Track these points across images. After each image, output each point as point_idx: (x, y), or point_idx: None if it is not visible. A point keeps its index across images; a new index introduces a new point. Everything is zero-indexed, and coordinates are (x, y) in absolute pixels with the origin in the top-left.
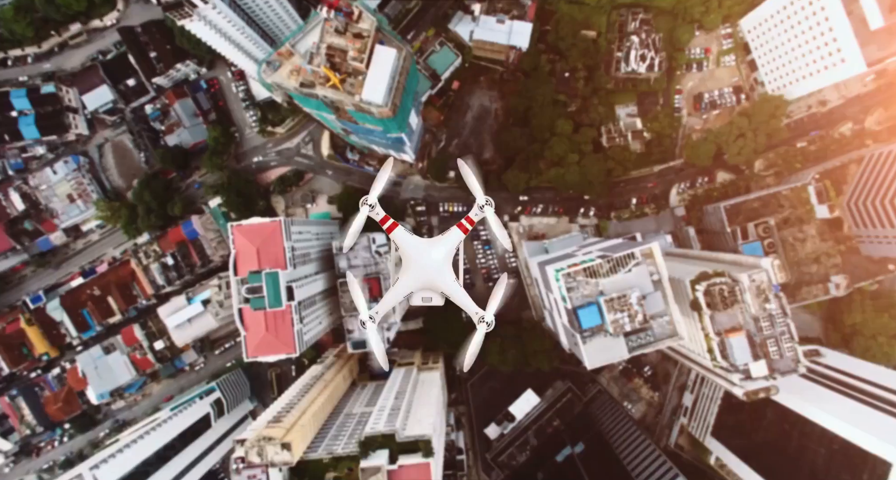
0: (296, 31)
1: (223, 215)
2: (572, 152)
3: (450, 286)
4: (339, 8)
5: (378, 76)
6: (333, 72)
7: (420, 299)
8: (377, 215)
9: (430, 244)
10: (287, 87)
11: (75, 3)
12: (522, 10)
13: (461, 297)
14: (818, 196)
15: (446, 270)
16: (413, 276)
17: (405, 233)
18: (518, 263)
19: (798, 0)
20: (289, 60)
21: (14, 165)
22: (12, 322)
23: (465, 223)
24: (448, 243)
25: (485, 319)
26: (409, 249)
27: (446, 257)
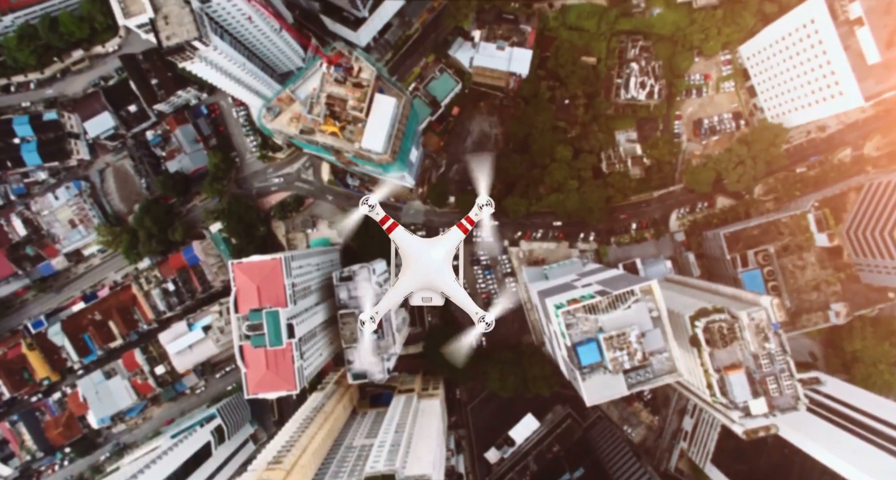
0: (296, 77)
1: (224, 240)
2: (572, 179)
3: (450, 286)
4: (339, 63)
5: (378, 125)
6: (333, 120)
7: (420, 299)
8: (377, 215)
9: (430, 245)
10: (287, 133)
11: (78, 30)
12: (522, 36)
13: (461, 296)
14: (817, 224)
15: (446, 270)
16: (413, 276)
17: (405, 233)
18: (518, 287)
19: (796, 32)
20: (289, 106)
21: (16, 190)
22: (13, 347)
23: (465, 223)
24: (448, 243)
25: (485, 319)
26: (409, 249)
27: (446, 258)
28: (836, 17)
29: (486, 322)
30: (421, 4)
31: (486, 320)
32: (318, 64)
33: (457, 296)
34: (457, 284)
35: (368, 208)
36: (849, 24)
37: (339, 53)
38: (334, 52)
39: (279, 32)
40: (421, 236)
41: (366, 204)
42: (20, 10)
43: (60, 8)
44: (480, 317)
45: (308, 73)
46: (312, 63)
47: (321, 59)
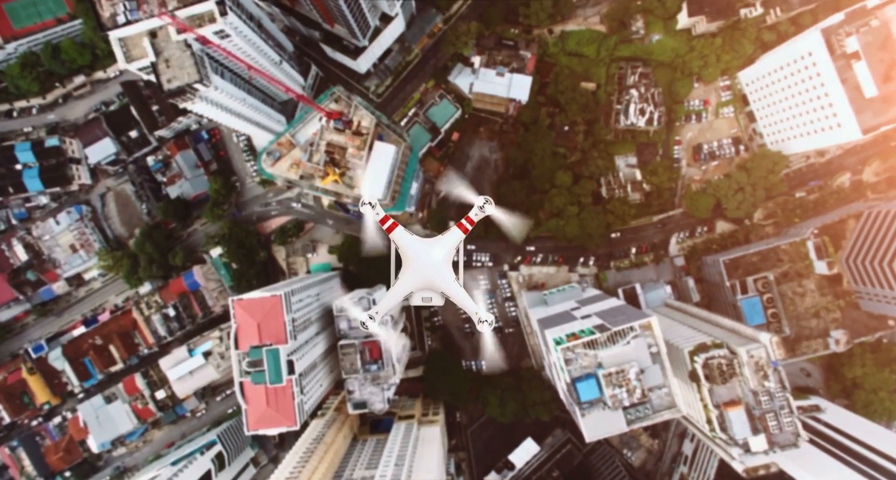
0: (295, 121)
1: (224, 265)
2: (571, 205)
3: (449, 286)
4: (339, 118)
5: (377, 172)
6: (333, 167)
7: (420, 299)
8: (377, 215)
9: (430, 245)
10: (288, 178)
11: (79, 57)
12: (522, 62)
13: (460, 296)
14: (817, 252)
15: (446, 270)
16: (413, 276)
17: (405, 233)
18: (518, 312)
19: (794, 63)
20: (289, 150)
21: (18, 214)
22: (14, 372)
23: (465, 223)
24: (447, 243)
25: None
26: (409, 249)
27: (446, 258)
28: (834, 51)
29: (485, 322)
30: (421, 30)
31: (486, 319)
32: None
33: (456, 296)
34: (456, 284)
35: (369, 208)
36: (846, 57)
37: (337, 112)
38: (333, 97)
39: (279, 65)
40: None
41: (366, 204)
42: (23, 38)
43: (63, 35)
44: (480, 317)
45: (308, 116)
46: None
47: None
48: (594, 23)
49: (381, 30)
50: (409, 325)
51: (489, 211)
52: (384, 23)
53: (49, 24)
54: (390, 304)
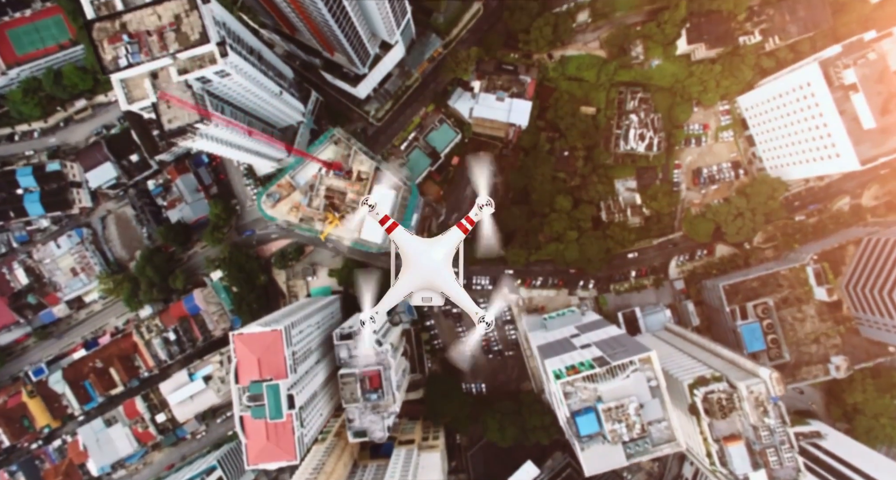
0: (294, 164)
1: (225, 289)
2: (571, 229)
3: (449, 286)
4: (339, 170)
5: None
6: (333, 211)
7: (420, 299)
8: (377, 215)
9: (430, 245)
10: (288, 220)
11: (81, 82)
12: (522, 87)
13: (461, 296)
14: (816, 278)
15: (446, 270)
16: (413, 276)
17: (405, 233)
18: (517, 335)
19: (793, 92)
20: (289, 193)
21: (19, 237)
22: (14, 395)
23: (465, 223)
24: (448, 243)
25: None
26: (408, 249)
27: (446, 258)
28: (832, 82)
29: (485, 322)
30: (420, 55)
31: (486, 320)
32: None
33: (456, 296)
34: (457, 284)
35: (368, 209)
36: (843, 89)
37: (337, 163)
38: (333, 139)
39: (279, 96)
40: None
41: (366, 204)
42: (26, 64)
43: (64, 60)
44: (480, 317)
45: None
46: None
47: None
48: (594, 48)
49: (381, 57)
50: (409, 348)
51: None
52: (384, 50)
53: (51, 50)
54: (390, 304)
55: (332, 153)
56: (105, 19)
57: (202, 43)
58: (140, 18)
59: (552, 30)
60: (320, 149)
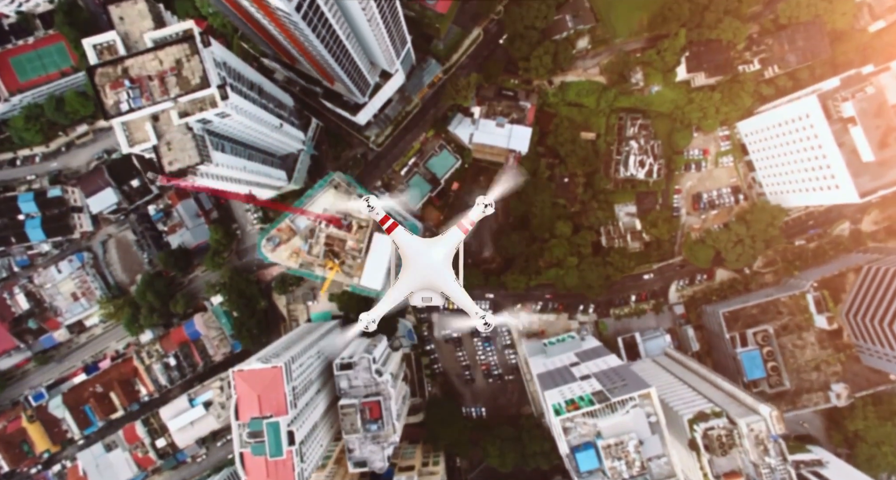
0: (296, 206)
1: (225, 313)
2: (571, 255)
3: (449, 286)
4: (339, 226)
5: (376, 264)
6: (333, 258)
7: (420, 299)
8: (377, 215)
9: (430, 245)
10: (287, 266)
11: (82, 108)
12: (522, 113)
13: (461, 296)
14: (816, 306)
15: (446, 270)
16: (413, 276)
17: (405, 233)
18: (517, 359)
19: (792, 122)
20: (289, 237)
21: (20, 262)
22: (14, 420)
23: (465, 223)
24: (448, 243)
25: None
26: (409, 249)
27: (446, 258)
28: (830, 115)
29: (485, 322)
30: (421, 81)
31: (486, 320)
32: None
33: (456, 296)
34: (456, 284)
35: (368, 209)
36: (842, 121)
37: (337, 218)
38: (333, 183)
39: (280, 128)
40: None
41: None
42: (28, 91)
43: (66, 86)
44: (480, 317)
45: (308, 201)
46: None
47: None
48: (594, 74)
49: (381, 85)
50: (409, 372)
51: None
52: (384, 79)
53: (53, 76)
54: (391, 304)
55: (332, 197)
56: (107, 64)
57: (203, 87)
58: (142, 63)
59: (552, 58)
60: (320, 193)
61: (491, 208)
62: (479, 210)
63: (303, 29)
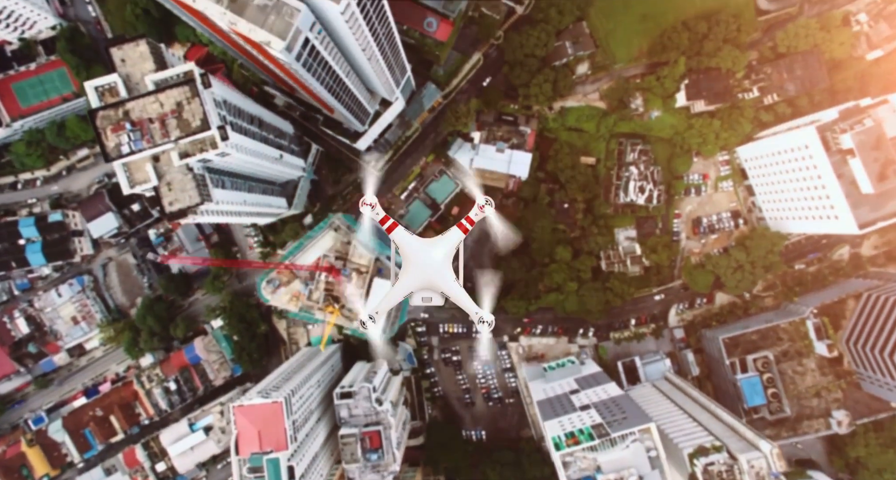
0: (295, 249)
1: (225, 337)
2: (571, 280)
3: (449, 286)
4: (338, 278)
5: None
6: (333, 303)
7: (420, 298)
8: (377, 215)
9: (430, 245)
10: (287, 310)
11: (83, 133)
12: (522, 138)
13: (461, 296)
14: (816, 332)
15: (446, 270)
16: (413, 276)
17: (405, 233)
18: (517, 382)
19: (791, 152)
20: (289, 281)
21: (20, 285)
22: (13, 445)
23: (465, 223)
24: (448, 243)
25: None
26: (408, 249)
27: (446, 258)
28: (829, 147)
29: (486, 322)
30: (421, 106)
31: (486, 319)
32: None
33: (456, 296)
34: (457, 284)
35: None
36: (841, 153)
37: (336, 269)
38: (332, 226)
39: (280, 159)
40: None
41: (366, 204)
42: (29, 116)
43: (68, 111)
44: (480, 317)
45: (308, 243)
46: (314, 233)
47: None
48: (594, 99)
49: (382, 113)
50: (410, 395)
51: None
52: (384, 106)
53: (55, 102)
54: (390, 303)
55: (332, 240)
56: (109, 107)
57: (203, 129)
58: (143, 106)
59: (552, 86)
60: (319, 236)
61: (490, 206)
62: (477, 209)
63: (302, 74)
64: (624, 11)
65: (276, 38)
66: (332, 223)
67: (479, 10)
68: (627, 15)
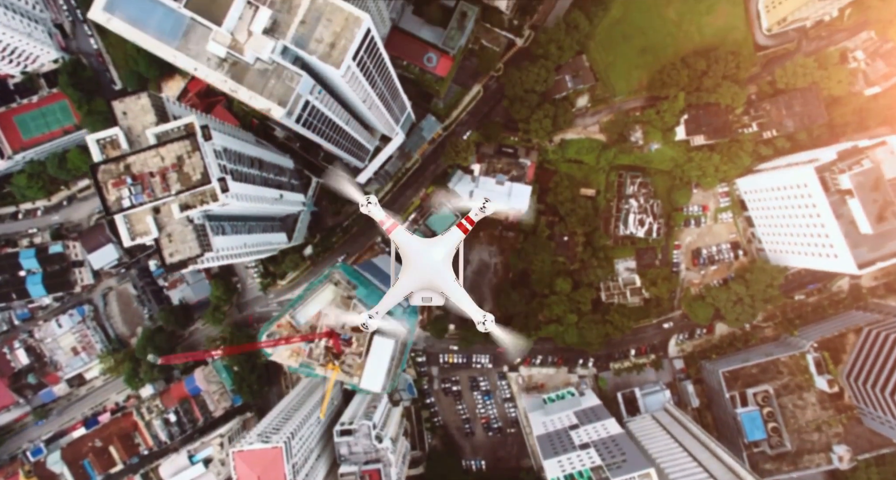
0: (294, 302)
1: (225, 368)
2: (571, 312)
3: (449, 286)
4: (338, 350)
5: (376, 366)
6: (333, 360)
7: (420, 298)
8: (377, 214)
9: (430, 245)
10: (287, 365)
11: (84, 165)
12: (522, 170)
13: (460, 296)
14: (817, 367)
15: (446, 270)
16: (413, 276)
17: (405, 233)
18: (517, 412)
19: (790, 189)
20: (289, 333)
21: (20, 315)
22: (11, 477)
23: (465, 223)
24: (448, 243)
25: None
26: (409, 249)
27: (446, 258)
28: (828, 188)
29: (485, 322)
30: (421, 138)
31: (486, 320)
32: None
33: (456, 296)
34: (456, 284)
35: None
36: (840, 193)
37: (337, 334)
38: (332, 280)
39: (280, 199)
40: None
41: (365, 204)
42: (31, 149)
43: (69, 143)
44: (480, 317)
45: (308, 295)
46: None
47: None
48: (593, 131)
49: (382, 148)
50: (410, 425)
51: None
52: (384, 142)
53: (56, 134)
54: (390, 303)
55: (332, 294)
56: (110, 162)
57: (204, 183)
58: (144, 160)
59: (552, 121)
60: (319, 289)
61: (489, 206)
62: (477, 209)
63: (300, 130)
64: (623, 44)
65: (277, 105)
66: (331, 277)
67: (479, 43)
68: (627, 48)
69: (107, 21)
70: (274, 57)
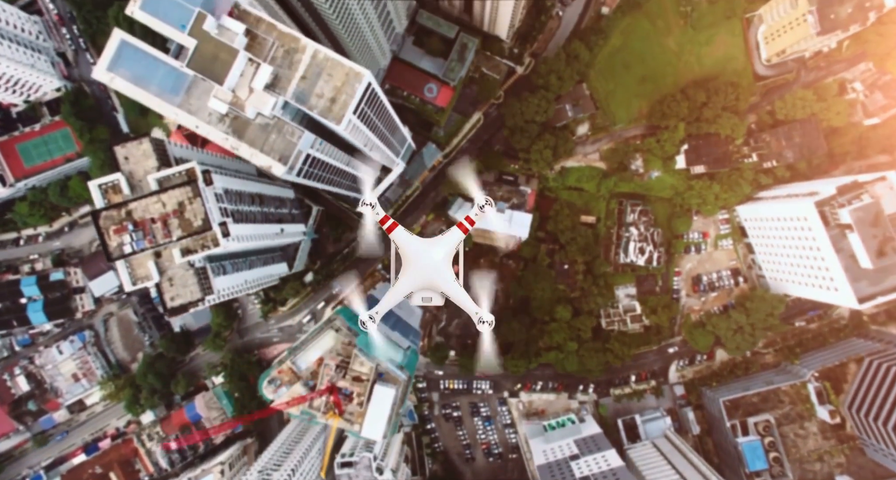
0: (295, 347)
1: (226, 394)
2: (571, 340)
3: (449, 286)
4: (339, 408)
5: (377, 415)
6: (334, 410)
7: (420, 299)
8: (377, 214)
9: (430, 245)
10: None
11: (85, 192)
12: (522, 198)
13: (460, 296)
14: (818, 397)
15: (446, 270)
16: (413, 276)
17: (405, 233)
18: (518, 438)
19: (790, 221)
20: (290, 380)
21: (21, 341)
22: None
23: (465, 223)
24: (448, 243)
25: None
26: (409, 249)
27: (446, 258)
28: (828, 222)
29: (485, 322)
30: (421, 166)
31: (485, 319)
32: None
33: (456, 295)
34: (456, 284)
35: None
36: (840, 227)
37: (337, 389)
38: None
39: (282, 233)
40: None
41: (366, 205)
42: (33, 176)
43: (71, 171)
44: (479, 316)
45: (309, 340)
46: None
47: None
48: (594, 159)
49: (382, 179)
50: (410, 451)
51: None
52: (385, 172)
53: (58, 161)
54: (391, 303)
55: (332, 340)
56: (111, 208)
57: (205, 229)
58: (145, 206)
59: (552, 152)
60: (320, 336)
61: (490, 206)
62: (477, 209)
63: (300, 181)
64: (623, 73)
65: (278, 162)
66: (331, 322)
67: (479, 71)
68: (627, 76)
69: (110, 80)
70: (275, 112)
